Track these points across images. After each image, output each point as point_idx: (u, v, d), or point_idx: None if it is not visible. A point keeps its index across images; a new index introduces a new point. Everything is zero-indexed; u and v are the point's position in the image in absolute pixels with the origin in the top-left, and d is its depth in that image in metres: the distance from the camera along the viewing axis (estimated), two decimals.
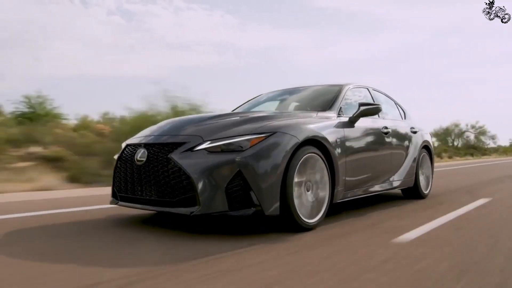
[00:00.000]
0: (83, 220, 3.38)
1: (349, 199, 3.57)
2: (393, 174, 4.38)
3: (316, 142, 3.10)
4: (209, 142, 2.74)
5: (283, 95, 4.54)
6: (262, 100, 4.63)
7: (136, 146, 3.06)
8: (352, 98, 4.06)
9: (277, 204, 2.72)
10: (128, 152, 3.11)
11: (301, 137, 2.90)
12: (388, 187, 4.31)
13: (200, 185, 2.61)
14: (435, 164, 5.97)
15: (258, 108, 4.41)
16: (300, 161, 2.88)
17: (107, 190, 3.39)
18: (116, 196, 3.19)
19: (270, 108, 4.45)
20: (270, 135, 2.78)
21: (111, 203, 3.25)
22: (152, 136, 3.05)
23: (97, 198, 4.72)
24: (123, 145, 3.32)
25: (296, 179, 2.84)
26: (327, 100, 3.81)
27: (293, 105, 4.29)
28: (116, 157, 3.32)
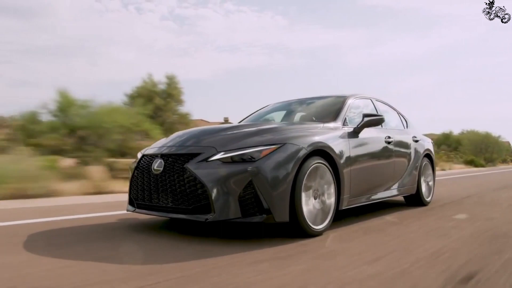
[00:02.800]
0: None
1: (354, 206, 3.74)
2: (396, 182, 4.54)
3: (322, 152, 3.27)
4: (222, 153, 2.91)
5: (289, 106, 4.72)
6: (269, 110, 4.82)
7: (153, 156, 3.23)
8: (356, 109, 4.23)
9: (287, 211, 2.89)
10: (145, 162, 3.28)
11: (308, 148, 3.08)
12: (391, 195, 4.46)
13: (214, 193, 2.78)
14: None
15: (266, 118, 4.59)
16: (308, 171, 3.05)
17: None
18: (133, 204, 3.37)
19: (276, 118, 4.63)
20: (280, 146, 2.96)
21: (128, 210, 3.42)
22: (168, 147, 3.22)
23: None
24: (139, 155, 3.50)
25: (304, 188, 3.01)
26: (332, 111, 3.99)
27: (299, 115, 4.47)
28: (132, 167, 3.50)
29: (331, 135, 3.49)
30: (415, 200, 5.07)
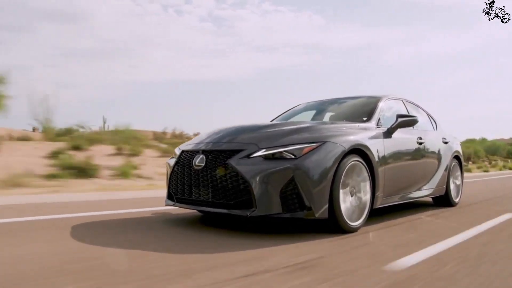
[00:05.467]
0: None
1: (387, 205, 3.79)
2: (427, 183, 4.57)
3: (359, 151, 3.33)
4: (264, 149, 3.00)
5: (321, 106, 4.79)
6: (301, 109, 4.89)
7: (194, 152, 3.33)
8: (388, 110, 4.27)
9: (326, 208, 2.97)
10: (185, 158, 3.38)
11: (347, 146, 3.15)
12: (422, 195, 4.50)
13: (256, 189, 2.87)
14: None
15: (298, 117, 4.67)
16: (346, 168, 3.12)
17: None
18: (172, 198, 3.47)
19: (308, 117, 4.70)
20: (321, 144, 3.03)
21: (167, 204, 3.52)
22: (209, 143, 3.31)
23: None
24: (177, 151, 3.60)
25: (342, 185, 3.08)
26: (366, 111, 4.05)
27: (332, 115, 4.54)
28: (169, 162, 3.61)
29: (367, 135, 3.55)
30: (443, 200, 5.09)
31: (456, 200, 5.27)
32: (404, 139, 4.08)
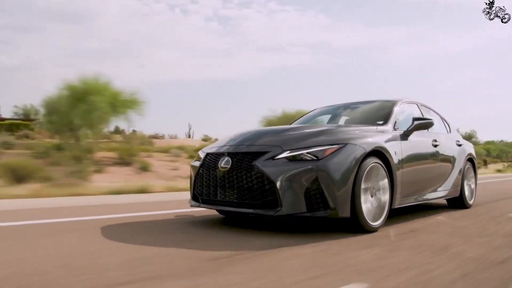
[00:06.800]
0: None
1: (404, 205, 3.89)
2: (441, 184, 4.66)
3: (378, 153, 3.45)
4: (288, 151, 3.13)
5: (337, 110, 4.91)
6: (317, 113, 5.02)
7: (219, 154, 3.46)
8: (403, 113, 4.38)
9: (349, 208, 3.09)
10: (210, 160, 3.51)
11: (367, 148, 3.27)
12: (437, 196, 4.59)
13: (282, 189, 3.00)
14: None
15: (314, 122, 4.80)
16: (367, 169, 3.24)
17: None
18: (197, 199, 3.60)
19: (324, 122, 4.82)
20: (342, 146, 3.16)
21: (192, 205, 3.66)
22: (233, 146, 3.45)
23: None
24: (202, 154, 3.73)
25: (363, 186, 3.20)
26: (382, 115, 4.16)
27: (348, 119, 4.65)
28: (193, 165, 3.75)
29: (385, 137, 3.66)
30: (458, 202, 5.17)
31: (470, 202, 5.35)
32: (420, 141, 4.19)
